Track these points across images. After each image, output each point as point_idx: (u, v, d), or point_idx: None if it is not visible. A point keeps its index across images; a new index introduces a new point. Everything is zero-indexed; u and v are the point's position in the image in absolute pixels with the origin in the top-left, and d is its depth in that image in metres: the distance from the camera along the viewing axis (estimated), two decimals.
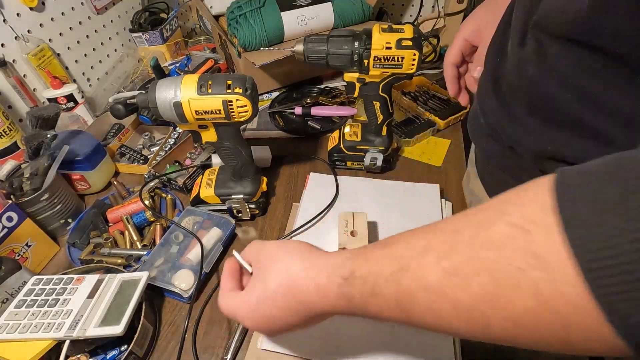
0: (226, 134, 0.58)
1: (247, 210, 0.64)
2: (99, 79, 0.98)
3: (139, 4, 1.12)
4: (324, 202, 0.65)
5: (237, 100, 0.52)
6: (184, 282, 0.54)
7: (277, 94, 0.94)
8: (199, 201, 0.65)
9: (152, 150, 0.83)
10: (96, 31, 0.96)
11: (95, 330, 0.45)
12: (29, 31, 0.79)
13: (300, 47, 0.60)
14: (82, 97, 0.86)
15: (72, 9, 0.88)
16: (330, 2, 0.86)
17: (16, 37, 0.76)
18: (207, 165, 0.73)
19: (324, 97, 0.89)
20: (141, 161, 0.78)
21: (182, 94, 0.51)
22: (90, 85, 0.96)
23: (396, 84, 0.62)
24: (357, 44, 0.58)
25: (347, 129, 0.72)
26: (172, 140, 0.83)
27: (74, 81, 0.90)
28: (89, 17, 0.94)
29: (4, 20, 0.73)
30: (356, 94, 0.64)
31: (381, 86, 0.62)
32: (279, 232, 0.64)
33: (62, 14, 0.86)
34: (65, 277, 0.52)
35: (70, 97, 0.83)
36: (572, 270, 0.18)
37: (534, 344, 0.22)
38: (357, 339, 0.48)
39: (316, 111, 0.84)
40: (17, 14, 0.76)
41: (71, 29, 0.89)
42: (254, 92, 0.54)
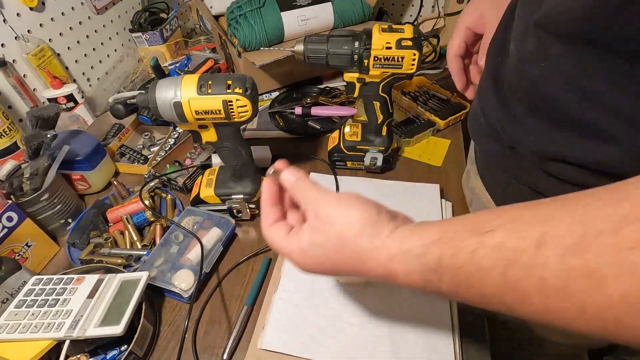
0: (226, 134, 0.58)
1: (247, 210, 0.64)
2: (99, 79, 0.98)
3: (139, 4, 1.12)
4: None
5: (237, 100, 0.52)
6: (184, 282, 0.54)
7: (277, 94, 0.94)
8: (199, 201, 0.65)
9: (152, 150, 0.83)
10: (96, 31, 0.96)
11: (95, 330, 0.45)
12: (29, 31, 0.79)
13: (300, 47, 0.60)
14: (82, 97, 0.86)
15: (72, 9, 0.88)
16: (330, 2, 0.86)
17: (16, 37, 0.76)
18: (207, 165, 0.73)
19: (324, 97, 0.89)
20: (141, 161, 0.78)
21: (182, 94, 0.51)
22: (90, 85, 0.96)
23: (396, 84, 0.62)
24: (357, 44, 0.58)
25: (347, 129, 0.72)
26: (172, 140, 0.83)
27: (74, 81, 0.90)
28: (89, 17, 0.94)
29: (4, 20, 0.73)
30: (356, 94, 0.64)
31: (381, 86, 0.62)
32: None
33: (62, 14, 0.86)
34: (65, 277, 0.52)
35: (70, 97, 0.83)
36: None
37: None
38: (358, 339, 0.48)
39: (316, 111, 0.84)
40: (17, 14, 0.76)
41: (71, 29, 0.89)
42: (254, 92, 0.54)
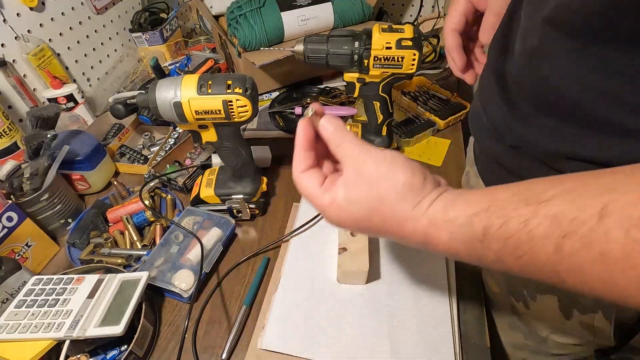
0: (226, 134, 0.58)
1: (247, 210, 0.64)
2: (99, 79, 0.98)
3: (139, 4, 1.12)
4: None
5: (237, 100, 0.52)
6: (184, 282, 0.54)
7: (277, 94, 0.94)
8: (199, 201, 0.65)
9: (152, 150, 0.83)
10: (96, 31, 0.96)
11: (95, 330, 0.45)
12: (29, 31, 0.79)
13: (300, 47, 0.60)
14: (82, 97, 0.86)
15: (72, 9, 0.88)
16: (330, 2, 0.86)
17: (16, 37, 0.76)
18: (207, 165, 0.73)
19: (324, 97, 0.89)
20: (141, 161, 0.78)
21: (182, 94, 0.51)
22: (90, 85, 0.96)
23: (396, 84, 0.62)
24: (357, 44, 0.58)
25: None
26: (172, 140, 0.83)
27: (74, 81, 0.90)
28: (89, 17, 0.94)
29: (4, 20, 0.73)
30: (356, 94, 0.64)
31: (381, 86, 0.62)
32: (279, 232, 0.64)
33: (62, 14, 0.86)
34: (65, 277, 0.52)
35: (70, 97, 0.83)
36: None
37: None
38: (358, 339, 0.48)
39: None
40: (17, 14, 0.76)
41: (71, 29, 0.89)
42: (254, 92, 0.54)
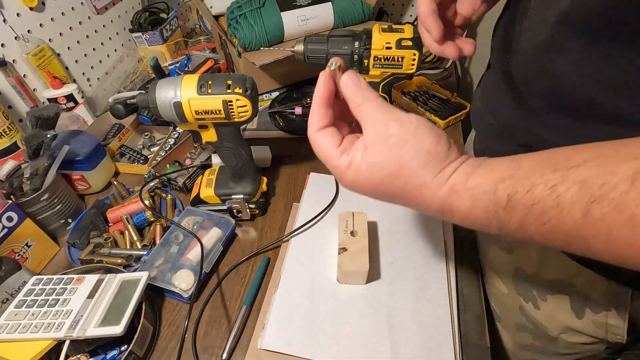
0: (226, 134, 0.58)
1: (247, 210, 0.64)
2: (99, 79, 0.98)
3: (139, 4, 1.12)
4: (324, 202, 0.65)
5: (237, 100, 0.52)
6: (184, 282, 0.54)
7: (277, 94, 0.94)
8: (199, 201, 0.65)
9: (152, 150, 0.83)
10: (96, 31, 0.96)
11: (95, 330, 0.45)
12: (29, 31, 0.79)
13: (300, 47, 0.60)
14: (82, 97, 0.86)
15: (72, 9, 0.88)
16: (330, 2, 0.86)
17: (16, 37, 0.76)
18: (207, 165, 0.73)
19: None
20: (141, 161, 0.78)
21: (182, 94, 0.51)
22: (90, 85, 0.96)
23: (396, 84, 0.62)
24: (357, 44, 0.58)
25: None
26: (172, 140, 0.83)
27: (74, 81, 0.90)
28: (89, 17, 0.94)
29: (4, 20, 0.73)
30: None
31: (381, 86, 0.62)
32: (279, 232, 0.64)
33: (62, 14, 0.86)
34: (65, 277, 0.52)
35: (70, 97, 0.83)
36: None
37: None
38: (358, 339, 0.48)
39: None
40: (17, 14, 0.76)
41: (71, 29, 0.89)
42: (254, 92, 0.54)
